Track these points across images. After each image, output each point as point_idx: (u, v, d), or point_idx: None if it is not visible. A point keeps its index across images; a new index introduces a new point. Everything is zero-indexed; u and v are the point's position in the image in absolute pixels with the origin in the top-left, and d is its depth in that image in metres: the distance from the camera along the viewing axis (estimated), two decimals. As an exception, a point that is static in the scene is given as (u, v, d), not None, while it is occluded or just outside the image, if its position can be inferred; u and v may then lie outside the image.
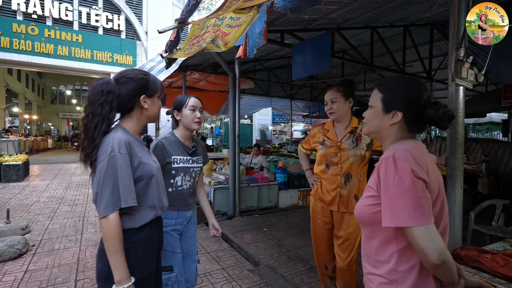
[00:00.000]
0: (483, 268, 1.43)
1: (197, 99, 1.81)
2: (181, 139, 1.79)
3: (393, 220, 0.85)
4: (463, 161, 1.77)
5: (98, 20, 11.02)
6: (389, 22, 4.77)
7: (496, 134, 17.62)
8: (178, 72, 5.62)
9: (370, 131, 1.07)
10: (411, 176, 0.84)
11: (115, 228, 1.05)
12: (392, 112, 0.99)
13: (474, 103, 7.33)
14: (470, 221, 3.06)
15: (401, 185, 0.84)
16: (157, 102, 1.27)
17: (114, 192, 1.05)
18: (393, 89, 1.01)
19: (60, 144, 20.49)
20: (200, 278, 2.65)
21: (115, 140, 1.09)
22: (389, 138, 1.02)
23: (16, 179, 7.27)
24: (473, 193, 4.92)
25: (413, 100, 0.96)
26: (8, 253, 2.96)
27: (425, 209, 0.83)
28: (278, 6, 1.95)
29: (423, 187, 0.85)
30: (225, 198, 4.55)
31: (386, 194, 0.87)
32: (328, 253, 2.16)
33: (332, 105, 2.02)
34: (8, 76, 16.50)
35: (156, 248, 1.24)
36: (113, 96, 1.14)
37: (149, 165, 1.19)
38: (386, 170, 0.89)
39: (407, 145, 0.93)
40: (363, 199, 0.99)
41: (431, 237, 0.81)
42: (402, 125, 0.99)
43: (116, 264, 1.05)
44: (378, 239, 0.95)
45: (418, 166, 0.86)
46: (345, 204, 2.01)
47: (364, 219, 0.98)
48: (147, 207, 1.18)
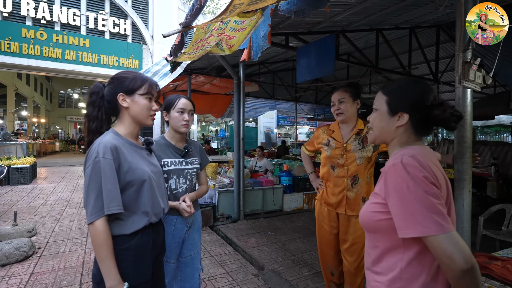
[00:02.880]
0: (493, 275, 1.39)
1: (187, 100, 1.73)
2: (172, 141, 1.74)
3: (416, 229, 0.80)
4: (472, 164, 1.73)
5: (105, 24, 11.18)
6: (394, 24, 4.73)
7: (505, 136, 17.33)
8: (183, 76, 5.65)
9: (376, 135, 1.04)
10: (426, 182, 0.81)
11: (101, 234, 1.02)
12: (398, 115, 0.96)
13: (482, 105, 7.21)
14: (479, 226, 2.99)
15: (416, 192, 0.81)
16: (140, 100, 1.19)
17: (98, 198, 1.03)
18: (398, 91, 0.99)
19: (67, 147, 20.75)
20: (204, 282, 2.63)
21: (101, 145, 1.08)
22: (395, 141, 0.99)
23: (23, 182, 7.37)
24: (482, 197, 4.83)
25: (419, 101, 0.94)
26: (14, 255, 2.99)
27: (444, 215, 0.80)
28: (283, 9, 1.94)
29: (439, 192, 0.82)
30: (230, 201, 4.53)
31: (401, 204, 0.83)
32: (335, 259, 2.10)
33: (340, 105, 1.97)
34: (17, 81, 16.79)
35: (151, 255, 1.19)
36: (97, 96, 1.17)
37: (140, 170, 1.15)
38: (396, 177, 0.85)
39: (412, 150, 0.90)
40: (368, 204, 0.97)
41: (458, 243, 0.77)
42: (408, 128, 0.96)
43: (106, 271, 1.03)
44: (383, 246, 0.93)
45: (426, 171, 0.84)
46: (352, 207, 1.97)
47: (369, 226, 0.96)
48: (139, 213, 1.14)
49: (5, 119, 16.95)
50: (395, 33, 5.35)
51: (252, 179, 5.02)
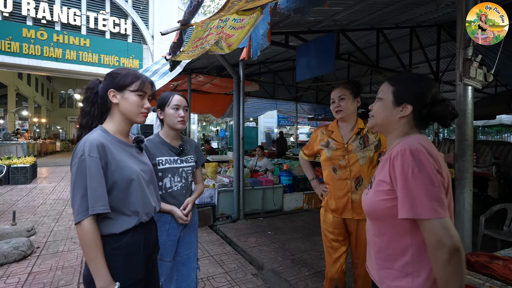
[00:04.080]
0: (494, 275, 1.37)
1: (181, 97, 1.71)
2: (167, 139, 1.72)
3: (411, 212, 0.85)
4: (473, 163, 1.71)
5: (106, 24, 11.19)
6: (395, 24, 4.71)
7: (506, 136, 17.29)
8: (184, 75, 5.65)
9: (377, 123, 1.06)
10: (430, 168, 0.85)
11: (89, 234, 1.00)
12: (403, 105, 1.00)
13: (483, 104, 7.18)
14: (480, 225, 2.97)
15: (420, 178, 0.85)
16: (130, 97, 1.17)
17: (84, 198, 1.01)
18: (405, 82, 1.02)
19: (68, 146, 20.78)
20: (202, 282, 2.62)
21: (87, 143, 1.05)
22: (395, 132, 1.02)
23: (23, 181, 7.37)
24: (483, 197, 4.81)
25: (424, 95, 0.98)
26: (12, 255, 2.98)
27: (443, 202, 0.84)
28: (282, 7, 1.92)
29: (441, 180, 0.86)
30: (230, 201, 4.52)
31: (404, 187, 0.87)
32: (339, 271, 1.96)
33: (340, 102, 1.89)
34: (18, 81, 16.83)
35: (143, 255, 1.17)
36: (91, 92, 1.16)
37: (128, 168, 1.12)
38: (403, 163, 0.88)
39: (418, 138, 0.94)
40: (374, 193, 0.98)
41: (449, 229, 0.81)
42: (410, 119, 1.00)
43: (96, 271, 1.01)
44: (390, 233, 0.95)
45: (432, 158, 0.88)
46: (358, 210, 1.85)
47: (377, 214, 0.97)
48: (129, 212, 1.12)
49: (6, 119, 16.99)
50: (395, 32, 5.33)
51: (252, 178, 5.00)
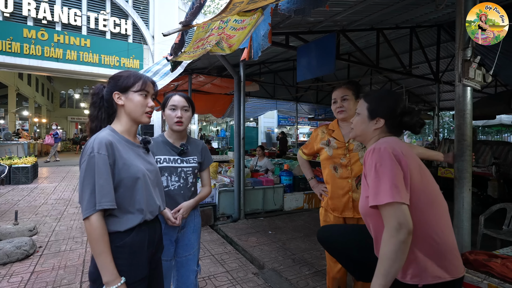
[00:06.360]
0: (492, 273, 1.39)
1: (180, 97, 1.67)
2: (170, 139, 1.72)
3: (374, 199, 0.97)
4: (472, 162, 1.72)
5: (106, 24, 11.20)
6: (395, 24, 4.73)
7: (506, 136, 17.30)
8: (184, 75, 5.66)
9: (357, 134, 1.26)
10: (390, 159, 0.99)
11: (97, 230, 1.03)
12: (376, 119, 1.18)
13: (483, 104, 7.20)
14: (480, 225, 2.99)
15: (382, 169, 0.98)
16: (134, 97, 1.20)
17: (92, 194, 1.03)
18: (377, 99, 1.21)
19: (69, 147, 20.80)
20: (204, 281, 2.64)
21: (96, 141, 1.08)
22: (372, 140, 1.20)
23: (25, 181, 7.39)
24: (483, 197, 4.82)
25: (393, 109, 1.16)
26: (15, 254, 3.00)
27: (400, 189, 0.94)
28: (283, 8, 1.94)
29: (400, 170, 0.98)
30: (230, 200, 4.54)
31: (370, 179, 1.01)
32: (341, 270, 1.97)
33: (342, 103, 1.90)
34: (18, 81, 16.84)
35: (147, 253, 1.19)
36: (97, 97, 1.20)
37: (135, 167, 1.15)
38: (369, 160, 1.04)
39: (386, 139, 1.11)
40: (362, 195, 1.12)
41: (405, 214, 0.92)
42: (383, 129, 1.18)
43: (103, 266, 1.03)
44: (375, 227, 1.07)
45: (395, 150, 1.02)
46: (358, 209, 1.85)
47: (368, 212, 1.08)
48: (134, 210, 1.14)
49: (6, 119, 17.01)
50: (395, 33, 5.35)
51: (253, 178, 5.02)
